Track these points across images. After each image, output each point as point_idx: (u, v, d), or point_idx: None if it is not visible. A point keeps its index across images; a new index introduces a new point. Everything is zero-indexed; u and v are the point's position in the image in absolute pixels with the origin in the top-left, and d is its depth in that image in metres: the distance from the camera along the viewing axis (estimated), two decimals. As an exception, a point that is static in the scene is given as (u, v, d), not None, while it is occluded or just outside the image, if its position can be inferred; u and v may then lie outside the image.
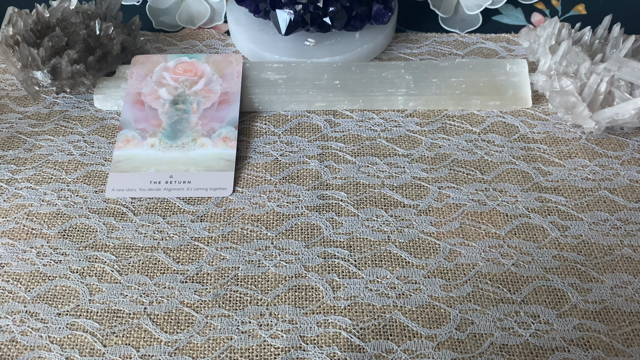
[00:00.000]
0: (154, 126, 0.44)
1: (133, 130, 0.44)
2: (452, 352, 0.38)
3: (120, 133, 0.44)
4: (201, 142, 0.44)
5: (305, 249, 0.43)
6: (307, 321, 0.39)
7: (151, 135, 0.44)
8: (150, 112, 0.45)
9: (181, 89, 0.46)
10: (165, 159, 0.43)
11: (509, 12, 0.63)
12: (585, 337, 0.38)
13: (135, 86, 0.46)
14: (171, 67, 0.47)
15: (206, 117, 0.45)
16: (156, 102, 0.45)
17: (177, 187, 0.42)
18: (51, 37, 0.50)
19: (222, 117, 0.45)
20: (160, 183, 0.42)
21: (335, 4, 0.51)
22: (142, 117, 0.45)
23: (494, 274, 0.42)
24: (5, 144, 0.50)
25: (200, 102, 0.45)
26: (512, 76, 0.53)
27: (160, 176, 0.43)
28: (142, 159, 0.43)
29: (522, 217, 0.45)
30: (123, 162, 0.43)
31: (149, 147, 0.44)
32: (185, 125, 0.44)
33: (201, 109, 0.45)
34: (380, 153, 0.49)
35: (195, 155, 0.43)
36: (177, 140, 0.44)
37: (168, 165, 0.43)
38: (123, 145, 0.44)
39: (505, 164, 0.48)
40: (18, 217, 0.45)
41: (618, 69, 0.47)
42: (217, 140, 0.44)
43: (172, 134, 0.44)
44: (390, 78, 0.53)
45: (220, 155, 0.43)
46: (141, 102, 0.45)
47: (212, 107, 0.45)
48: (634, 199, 0.46)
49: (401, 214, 0.45)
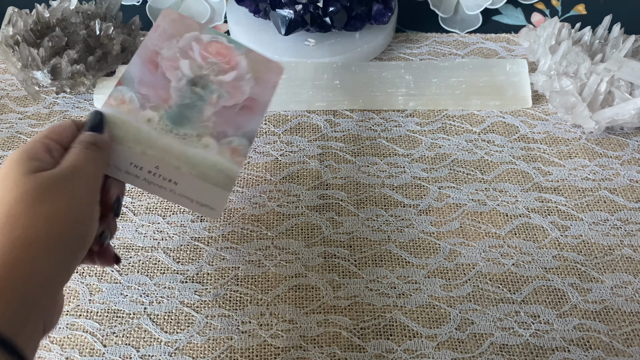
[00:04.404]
0: (159, 98, 0.36)
1: (133, 91, 0.35)
2: (452, 352, 0.38)
3: (117, 88, 0.35)
4: (206, 142, 0.36)
5: (306, 249, 0.43)
6: (307, 321, 0.39)
7: (152, 108, 0.35)
8: (161, 79, 0.36)
9: (206, 71, 0.38)
10: (158, 143, 0.35)
11: (509, 12, 0.63)
12: (585, 337, 0.38)
13: (155, 42, 0.37)
14: (204, 42, 0.38)
15: (222, 116, 0.37)
16: (172, 72, 0.37)
17: (158, 182, 0.34)
18: (51, 37, 0.50)
19: (239, 124, 0.37)
20: (141, 170, 0.34)
21: (335, 4, 0.51)
22: (149, 81, 0.36)
23: (494, 274, 0.42)
24: (5, 144, 0.50)
25: (222, 96, 0.37)
26: (512, 76, 0.53)
27: (144, 161, 0.34)
28: (132, 131, 0.35)
29: (522, 217, 0.45)
30: (108, 124, 0.34)
31: (145, 121, 0.35)
32: (195, 114, 0.36)
33: (220, 104, 0.37)
34: (380, 153, 0.49)
35: (194, 154, 0.35)
36: (180, 126, 0.36)
37: (158, 152, 0.35)
38: (115, 104, 0.35)
39: (505, 164, 0.48)
40: (18, 217, 0.45)
41: (618, 69, 0.47)
42: (225, 148, 0.36)
43: (178, 118, 0.36)
44: (390, 78, 0.53)
45: (221, 167, 0.36)
46: (155, 63, 0.37)
47: (233, 108, 0.37)
48: (634, 199, 0.46)
49: (401, 214, 0.45)
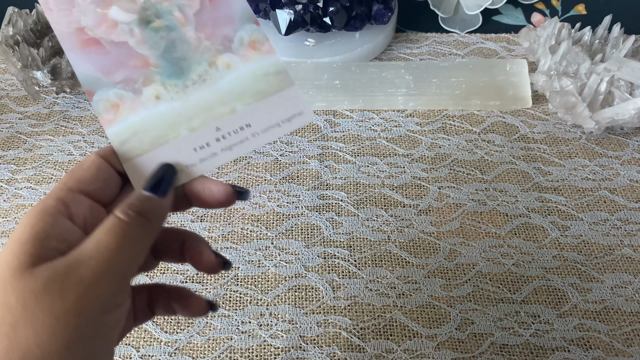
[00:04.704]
0: (139, 68, 0.28)
1: (112, 87, 0.28)
2: (452, 352, 0.38)
3: (95, 101, 0.27)
4: (224, 63, 0.29)
5: (305, 249, 0.43)
6: (307, 321, 0.39)
7: (145, 83, 0.28)
8: (118, 50, 0.28)
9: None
10: (190, 108, 0.28)
11: (509, 12, 0.63)
12: (586, 337, 0.38)
13: (64, 20, 0.28)
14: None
15: (206, 25, 0.29)
16: (117, 33, 0.28)
17: (235, 140, 0.28)
18: (51, 37, 0.50)
19: (227, 16, 0.30)
20: (209, 146, 0.28)
21: (335, 4, 0.51)
22: (110, 62, 0.28)
23: (494, 273, 0.42)
24: (5, 144, 0.50)
25: (182, 7, 0.29)
26: (512, 76, 0.53)
27: (202, 136, 0.28)
28: (157, 121, 0.28)
29: (522, 217, 0.45)
30: (132, 140, 0.27)
31: (155, 101, 0.28)
32: (184, 49, 0.29)
33: (190, 17, 0.29)
34: (380, 153, 0.49)
35: (229, 86, 0.29)
36: (187, 74, 0.29)
37: (201, 115, 0.28)
38: (114, 116, 0.28)
39: (505, 164, 0.48)
40: (18, 217, 0.45)
41: (618, 69, 0.47)
42: (244, 51, 0.29)
43: (174, 68, 0.29)
44: (390, 78, 0.53)
45: (262, 70, 0.29)
46: (92, 40, 0.28)
47: (204, 7, 0.29)
48: (634, 199, 0.46)
49: (401, 214, 0.45)
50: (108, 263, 0.21)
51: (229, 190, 0.26)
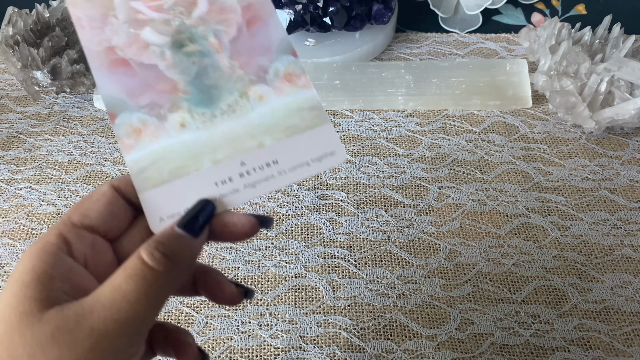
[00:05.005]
0: (167, 93, 0.27)
1: (136, 111, 0.26)
2: (452, 352, 0.38)
3: (117, 124, 0.26)
4: (257, 94, 0.27)
5: (305, 249, 0.43)
6: (307, 321, 0.39)
7: (172, 109, 0.26)
8: (147, 72, 0.27)
9: (177, 21, 0.28)
10: (216, 139, 0.26)
11: (509, 12, 0.63)
12: (586, 337, 0.38)
13: (96, 39, 0.27)
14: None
15: (241, 54, 0.28)
16: (148, 54, 0.27)
17: (259, 177, 0.26)
18: (51, 37, 0.50)
19: (265, 45, 0.28)
20: (232, 181, 0.26)
21: (335, 4, 0.51)
22: (137, 85, 0.27)
23: (494, 273, 0.41)
24: (5, 144, 0.50)
25: (218, 33, 0.28)
26: (512, 76, 0.53)
27: (225, 169, 0.26)
28: (180, 151, 0.26)
29: (522, 217, 0.45)
30: (151, 169, 0.26)
31: (179, 129, 0.26)
32: (216, 77, 0.27)
33: (226, 44, 0.28)
34: (380, 153, 0.49)
35: (259, 119, 0.27)
36: (216, 103, 0.27)
37: (228, 148, 0.26)
38: (135, 142, 0.26)
39: (506, 164, 0.48)
40: (18, 217, 0.45)
41: (618, 69, 0.47)
42: (279, 83, 0.27)
43: (205, 96, 0.27)
44: (390, 78, 0.53)
45: (296, 104, 0.27)
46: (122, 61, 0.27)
47: (241, 34, 0.28)
48: (634, 199, 0.46)
49: (401, 214, 0.45)
50: (124, 315, 0.19)
51: (252, 221, 0.24)
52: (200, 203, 0.24)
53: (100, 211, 0.23)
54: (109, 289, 0.20)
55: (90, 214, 0.23)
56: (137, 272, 0.20)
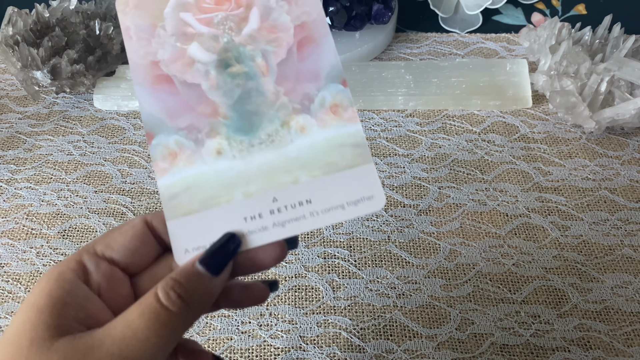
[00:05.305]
0: (207, 117, 0.26)
1: (174, 133, 0.25)
2: (452, 352, 0.38)
3: (154, 145, 0.25)
4: (299, 125, 0.25)
5: (305, 249, 0.43)
6: (307, 321, 0.39)
7: (210, 134, 0.25)
8: (189, 92, 0.26)
9: (225, 37, 0.26)
10: (251, 170, 0.25)
11: (509, 12, 0.63)
12: (586, 337, 0.38)
13: (141, 51, 0.26)
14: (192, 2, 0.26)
15: (288, 78, 0.26)
16: (192, 72, 0.26)
17: (292, 215, 0.24)
18: (51, 37, 0.50)
19: (314, 71, 0.26)
20: (262, 217, 0.24)
21: (335, 4, 0.51)
22: (178, 105, 0.26)
23: (494, 273, 0.41)
24: (5, 144, 0.50)
25: (267, 54, 0.26)
26: (512, 76, 0.53)
27: (256, 204, 0.25)
28: (213, 180, 0.25)
29: (523, 217, 0.45)
30: (182, 196, 0.25)
31: (215, 157, 0.25)
32: (259, 102, 0.26)
33: (273, 66, 0.26)
34: (380, 153, 0.49)
35: (297, 152, 0.25)
36: (256, 131, 0.25)
37: (262, 181, 0.25)
38: (169, 166, 0.25)
39: (506, 164, 0.48)
40: (18, 217, 0.45)
41: (618, 69, 0.47)
42: (323, 115, 0.26)
43: (245, 123, 0.26)
44: (390, 78, 0.53)
45: (338, 140, 0.25)
46: (165, 77, 0.26)
47: (291, 57, 0.26)
48: (634, 199, 0.46)
49: (401, 214, 0.45)
50: (133, 353, 0.19)
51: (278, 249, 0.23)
52: (224, 237, 0.23)
53: (125, 245, 0.23)
54: (121, 324, 0.20)
55: (114, 246, 0.23)
56: (151, 310, 0.20)
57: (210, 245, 0.22)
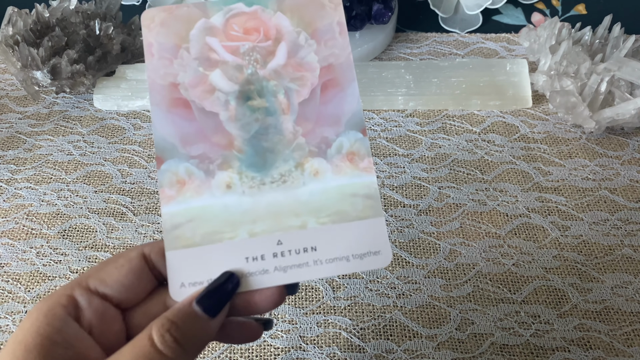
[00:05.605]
0: (221, 148, 0.25)
1: (185, 160, 0.24)
2: (452, 352, 0.38)
3: (162, 170, 0.24)
4: (313, 168, 0.25)
5: (305, 249, 0.43)
6: (307, 321, 0.39)
7: (222, 167, 0.25)
8: (206, 120, 0.25)
9: (250, 68, 0.25)
10: (258, 209, 0.24)
11: (509, 12, 0.63)
12: (586, 337, 0.38)
13: (162, 70, 0.25)
14: (219, 27, 0.26)
15: (308, 120, 0.25)
16: (211, 101, 0.25)
17: (295, 261, 0.24)
18: (51, 37, 0.50)
19: (335, 115, 0.25)
20: (264, 259, 0.24)
21: (335, 4, 0.51)
22: (193, 132, 0.25)
23: (494, 274, 0.41)
24: (5, 144, 0.50)
25: (290, 91, 0.25)
26: (512, 76, 0.53)
27: (260, 245, 0.24)
28: (219, 214, 0.24)
29: (522, 217, 0.45)
30: (185, 227, 0.24)
31: (224, 190, 0.24)
32: (276, 140, 0.25)
33: (295, 105, 0.25)
34: (380, 153, 0.49)
35: (308, 196, 0.25)
36: (269, 169, 0.25)
37: (268, 222, 0.24)
38: (175, 194, 0.24)
39: (506, 164, 0.48)
40: (18, 217, 0.45)
41: (618, 69, 0.47)
42: (339, 161, 0.25)
43: (259, 159, 0.25)
44: (390, 78, 0.53)
45: (351, 189, 0.25)
46: (183, 101, 0.25)
47: (313, 98, 0.26)
48: (634, 198, 0.46)
49: (401, 214, 0.45)
50: None
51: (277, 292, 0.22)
52: (223, 276, 0.22)
53: (120, 281, 0.22)
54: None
55: (108, 281, 0.22)
56: (144, 353, 0.19)
57: (208, 284, 0.22)
